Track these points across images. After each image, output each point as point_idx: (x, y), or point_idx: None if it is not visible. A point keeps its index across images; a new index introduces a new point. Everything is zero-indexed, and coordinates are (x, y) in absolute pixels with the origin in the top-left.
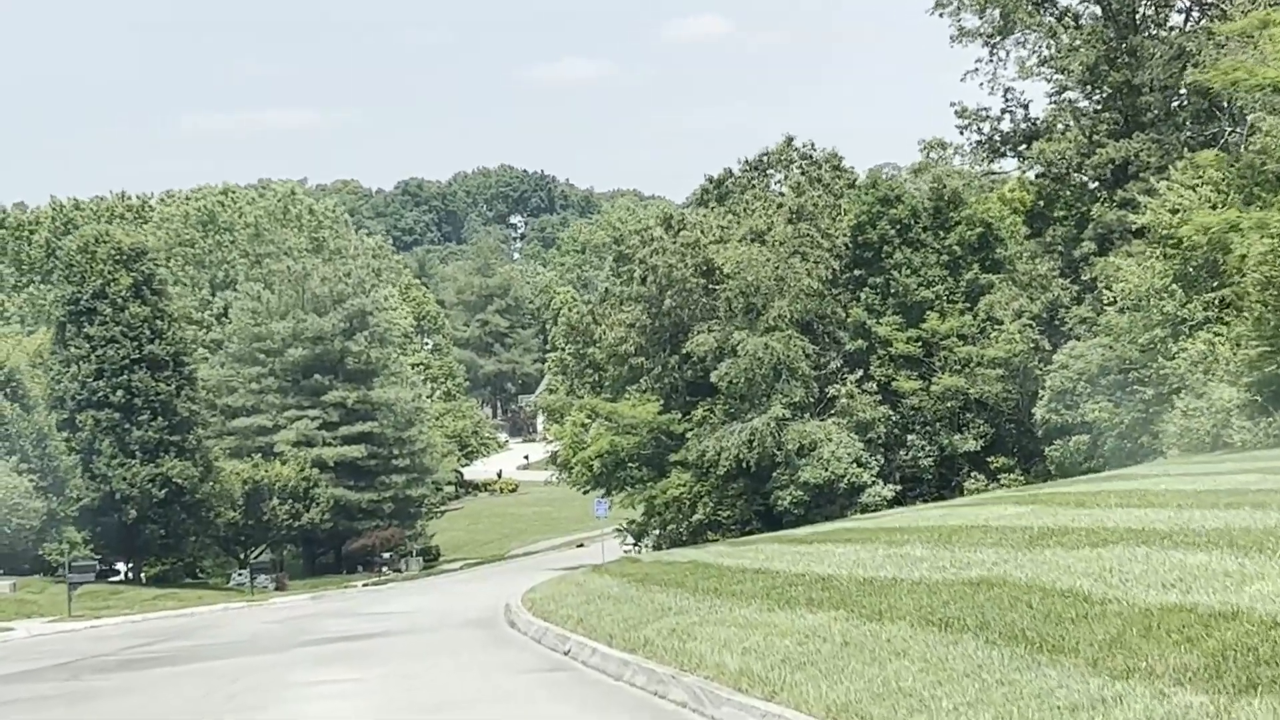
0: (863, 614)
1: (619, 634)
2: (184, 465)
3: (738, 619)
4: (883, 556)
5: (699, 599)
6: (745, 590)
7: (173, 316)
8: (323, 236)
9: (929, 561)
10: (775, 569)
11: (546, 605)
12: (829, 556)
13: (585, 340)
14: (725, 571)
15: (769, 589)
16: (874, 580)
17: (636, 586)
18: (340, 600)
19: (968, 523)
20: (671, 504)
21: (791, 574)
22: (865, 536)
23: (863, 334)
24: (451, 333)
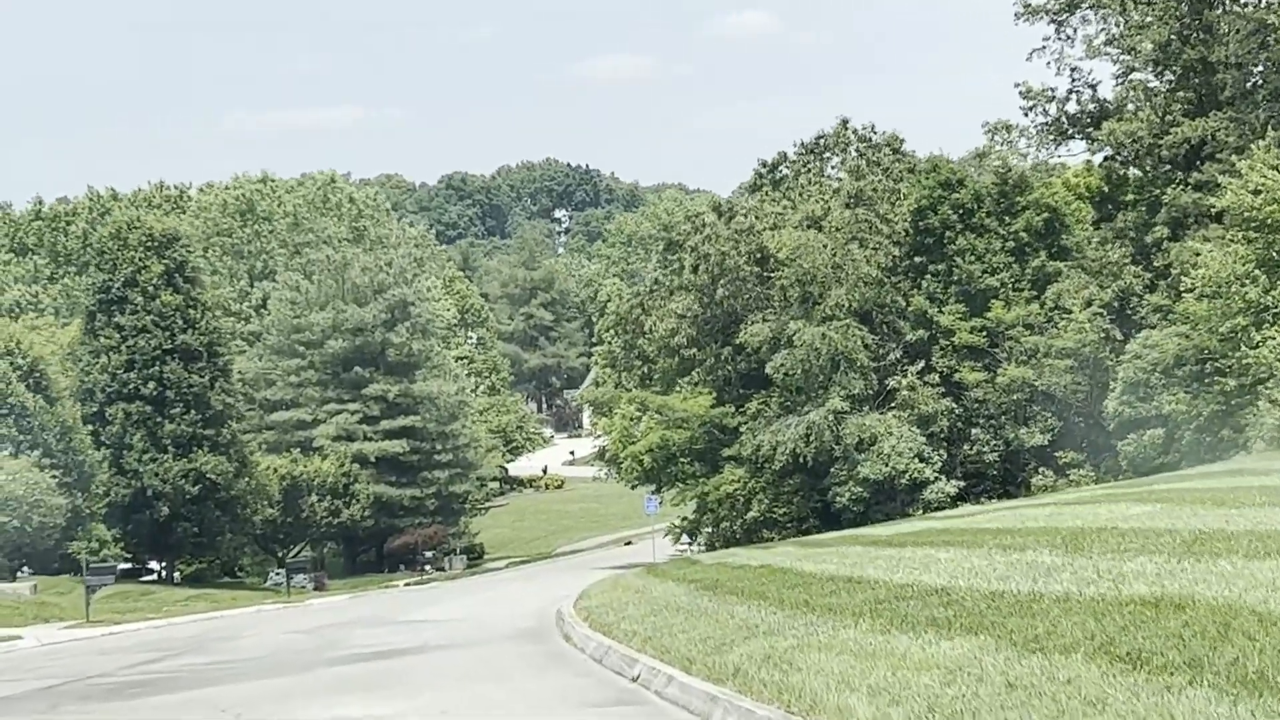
0: (1015, 642)
1: (699, 658)
2: (218, 460)
3: (848, 644)
4: (1003, 564)
5: (789, 614)
6: (843, 604)
7: (206, 305)
8: (363, 226)
9: (1068, 571)
10: (871, 578)
11: (605, 616)
12: (933, 563)
13: (635, 331)
14: (809, 579)
15: (873, 604)
16: (1005, 595)
17: (708, 596)
18: (379, 602)
19: (1090, 524)
20: (725, 501)
21: (894, 584)
22: (965, 539)
23: (924, 323)
24: (496, 326)
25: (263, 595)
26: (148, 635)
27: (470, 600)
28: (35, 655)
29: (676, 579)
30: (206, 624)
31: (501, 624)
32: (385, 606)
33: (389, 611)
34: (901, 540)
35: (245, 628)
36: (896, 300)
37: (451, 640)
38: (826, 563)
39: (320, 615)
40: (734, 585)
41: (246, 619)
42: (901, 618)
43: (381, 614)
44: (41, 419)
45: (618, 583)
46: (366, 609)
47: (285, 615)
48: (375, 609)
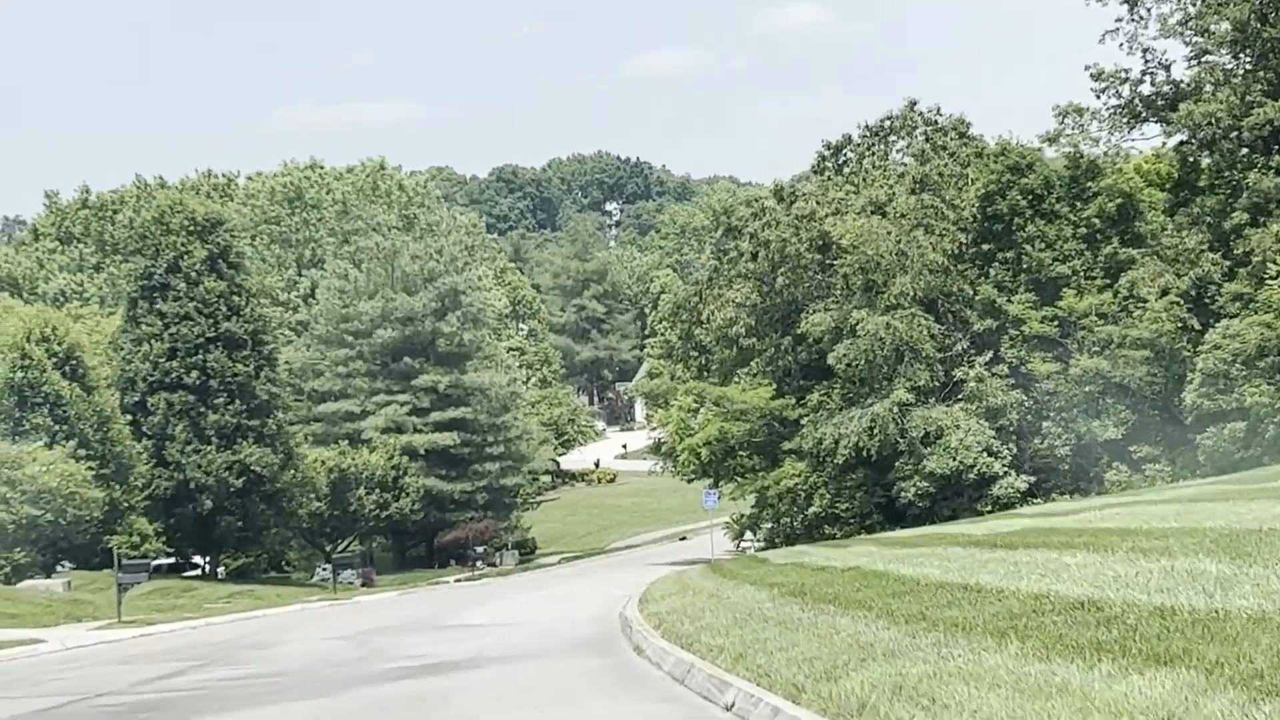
0: (1233, 679)
1: (808, 685)
2: (263, 452)
3: (999, 674)
4: (1157, 573)
5: (907, 630)
6: (970, 620)
7: (251, 292)
8: (413, 214)
9: (1247, 583)
10: (990, 586)
11: (680, 624)
12: (1062, 569)
13: (692, 321)
14: (914, 586)
15: (1008, 619)
16: (1177, 612)
17: (798, 604)
18: (429, 601)
19: (1236, 525)
20: (785, 495)
21: (1025, 595)
22: (1088, 541)
23: (992, 312)
24: (547, 318)
25: (308, 591)
26: (179, 639)
27: (525, 600)
28: (51, 663)
29: (753, 581)
30: (244, 625)
31: (561, 629)
32: (435, 606)
33: (439, 612)
34: (1007, 541)
35: (285, 630)
36: (963, 289)
37: (508, 651)
38: (925, 566)
39: (366, 615)
40: (825, 591)
41: (288, 619)
42: (1055, 639)
43: (431, 616)
44: (78, 408)
45: (683, 583)
46: (415, 609)
47: (329, 615)
48: (425, 609)
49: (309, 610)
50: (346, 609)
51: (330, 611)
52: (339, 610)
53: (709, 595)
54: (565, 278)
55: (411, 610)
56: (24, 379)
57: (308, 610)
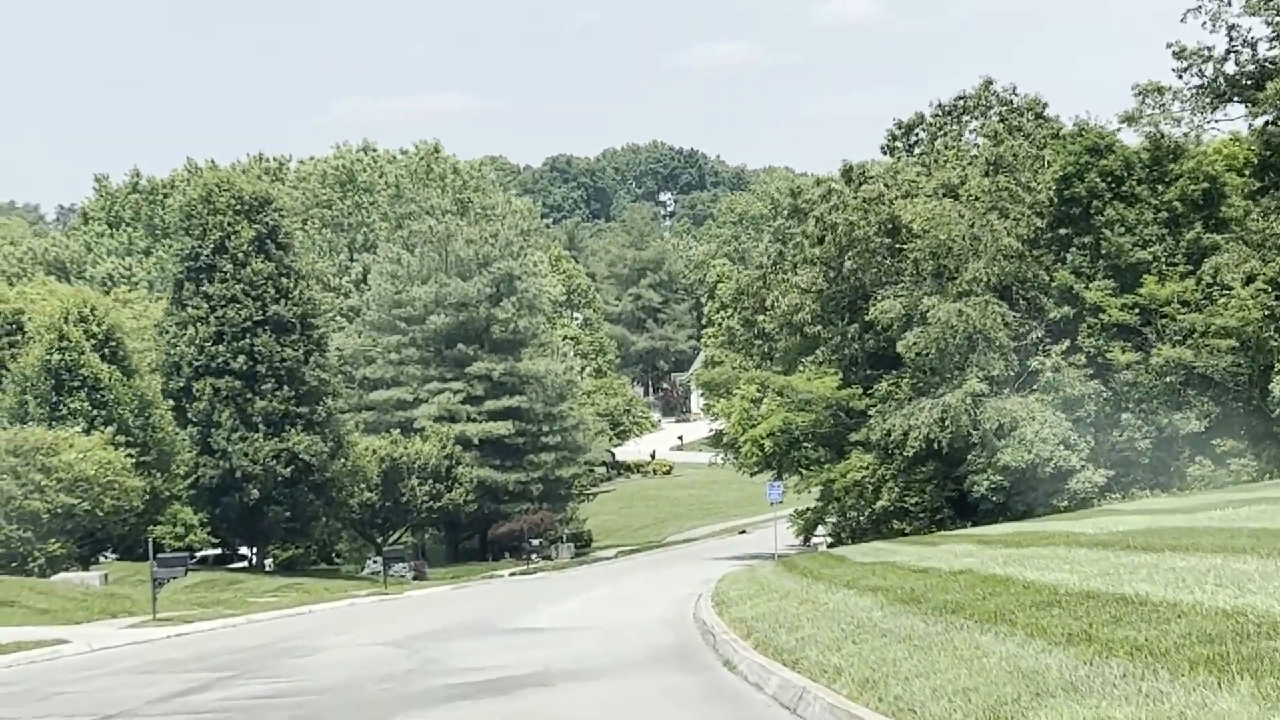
0: None
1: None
2: (312, 440)
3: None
4: None
5: (1074, 655)
6: (1154, 642)
7: (300, 274)
8: (467, 198)
9: None
10: (1154, 597)
11: (774, 635)
12: (1241, 578)
13: (755, 307)
14: (1056, 596)
15: (1207, 643)
16: None
17: (916, 614)
18: (484, 597)
19: None
20: (852, 488)
21: (1210, 610)
22: (1245, 544)
23: (1069, 300)
24: (602, 307)
25: (358, 585)
26: (214, 641)
27: (587, 597)
28: (70, 670)
29: (845, 583)
30: (286, 624)
31: (634, 635)
32: (492, 604)
33: (497, 612)
34: (1142, 543)
35: (329, 632)
36: (1039, 275)
37: (579, 663)
38: (1052, 570)
39: (417, 615)
40: (944, 599)
41: (335, 617)
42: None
43: (488, 616)
44: (118, 392)
45: (760, 583)
46: (470, 608)
47: (378, 613)
48: (480, 608)
49: (358, 606)
50: (397, 605)
51: (379, 608)
52: (389, 606)
53: (799, 599)
54: (620, 266)
55: (466, 609)
56: (61, 361)
57: (356, 606)
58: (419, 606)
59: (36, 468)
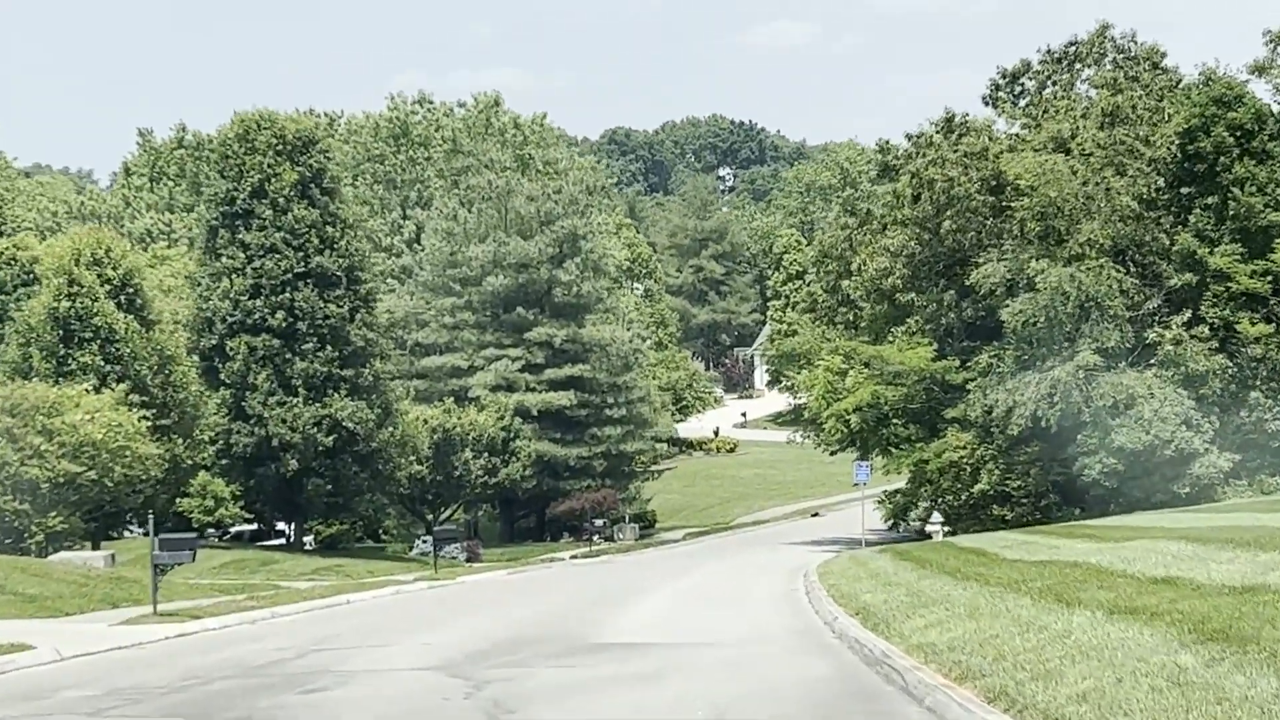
0: None
1: None
2: (357, 406)
3: None
4: None
5: None
6: None
7: (347, 223)
8: (528, 154)
9: None
10: None
11: (1020, 685)
12: None
13: (839, 271)
14: None
15: None
16: None
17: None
18: (549, 587)
19: None
20: (947, 470)
21: None
22: None
23: (1192, 266)
24: (664, 278)
25: (406, 566)
26: (214, 652)
27: (675, 590)
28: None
29: (1055, 597)
30: (315, 623)
31: (772, 659)
32: (563, 596)
33: (573, 612)
34: None
35: (365, 639)
36: (1158, 238)
37: (718, 710)
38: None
39: (476, 614)
40: (1242, 627)
41: (375, 612)
42: None
43: (563, 619)
44: (134, 345)
45: (888, 579)
46: (538, 602)
47: (427, 608)
48: (551, 604)
49: (403, 595)
50: (449, 596)
51: (429, 599)
52: (440, 597)
53: (1001, 617)
54: (682, 237)
55: (534, 604)
56: (71, 309)
57: (402, 595)
58: (475, 598)
59: (36, 429)
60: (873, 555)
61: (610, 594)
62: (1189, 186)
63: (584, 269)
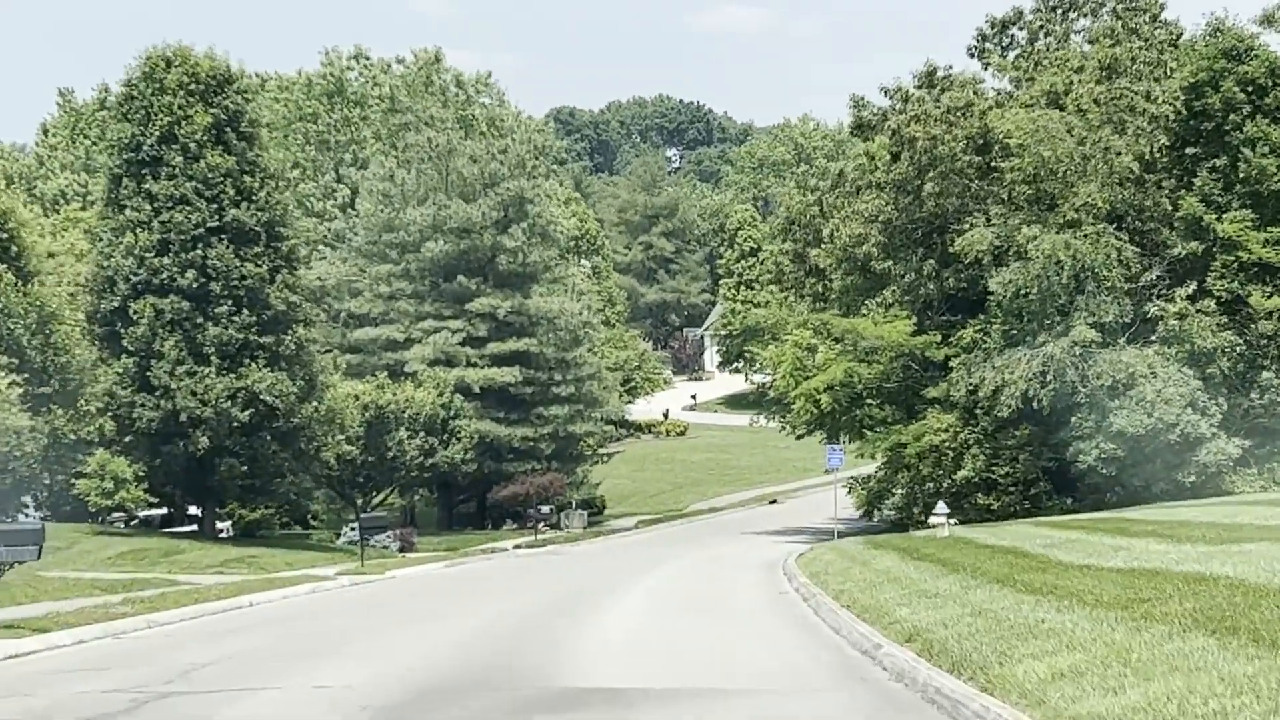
0: None
1: None
2: (277, 377)
3: None
4: None
5: None
6: None
7: (268, 173)
8: (472, 115)
9: None
10: None
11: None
12: None
13: (806, 240)
14: None
15: None
16: None
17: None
18: (490, 580)
19: None
20: (928, 454)
21: None
22: None
23: (1197, 233)
24: (612, 256)
25: (330, 557)
26: (23, 697)
27: (648, 591)
28: None
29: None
30: (198, 640)
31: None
32: (509, 604)
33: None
34: None
35: (242, 674)
36: (1160, 203)
37: None
38: None
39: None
40: None
41: (276, 623)
42: None
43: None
44: (7, 300)
45: (901, 583)
46: (478, 611)
47: (343, 617)
48: (494, 615)
49: (319, 595)
50: (374, 597)
51: (345, 603)
52: (362, 599)
53: (1168, 665)
54: (631, 213)
55: (473, 614)
56: None
57: (317, 595)
58: (404, 601)
59: None
60: (861, 549)
61: (568, 596)
62: (1194, 147)
63: (531, 235)
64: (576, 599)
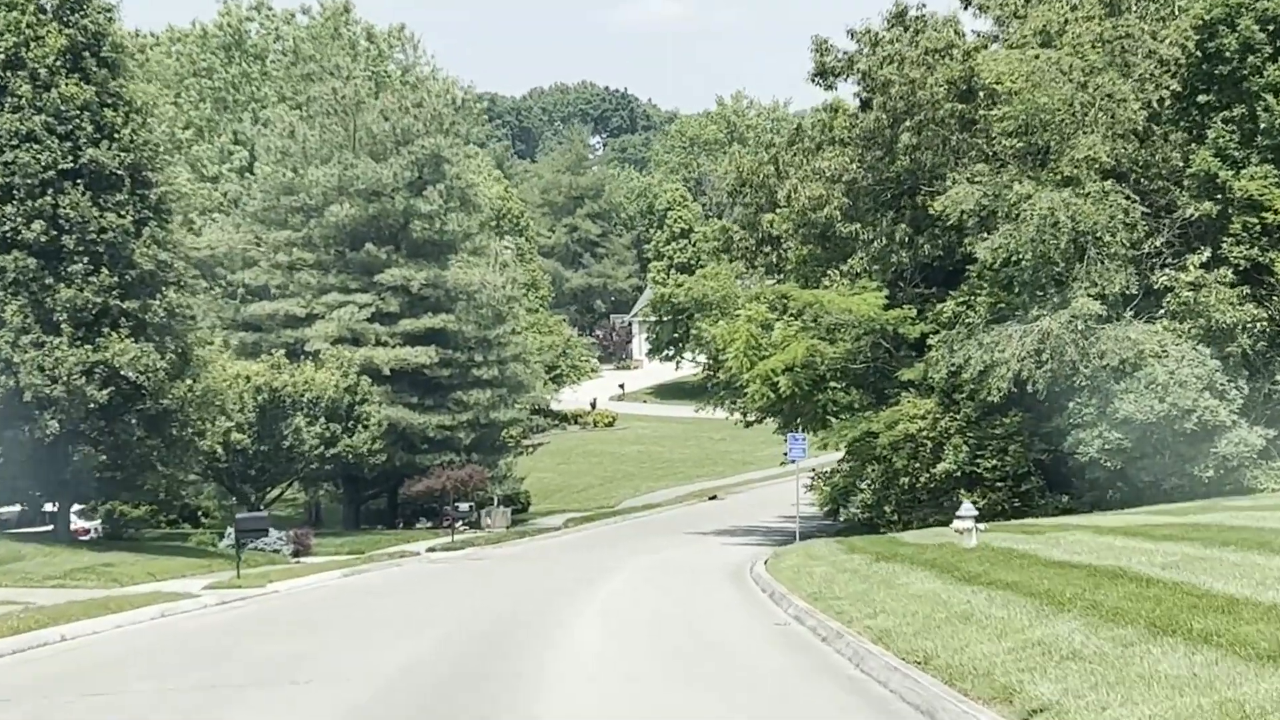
0: None
1: None
2: (143, 350)
3: None
4: None
5: None
6: None
7: (135, 106)
8: (384, 71)
9: None
10: None
11: None
12: None
13: (760, 203)
14: None
15: None
16: None
17: None
18: (393, 600)
19: None
20: (902, 445)
21: None
22: None
23: (1212, 192)
24: (535, 238)
25: (206, 564)
26: None
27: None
28: None
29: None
30: None
31: None
32: (423, 639)
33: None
34: None
35: None
36: (1169, 158)
37: None
38: None
39: (248, 701)
40: None
41: (78, 677)
42: None
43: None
44: None
45: (986, 624)
46: (374, 659)
47: (191, 647)
48: (397, 668)
49: (167, 622)
50: (230, 625)
51: (199, 637)
52: (223, 627)
53: None
54: (555, 193)
55: (369, 664)
56: None
57: (164, 622)
58: (278, 633)
59: None
60: (859, 560)
61: (494, 633)
62: (1207, 94)
63: (449, 199)
64: (506, 639)
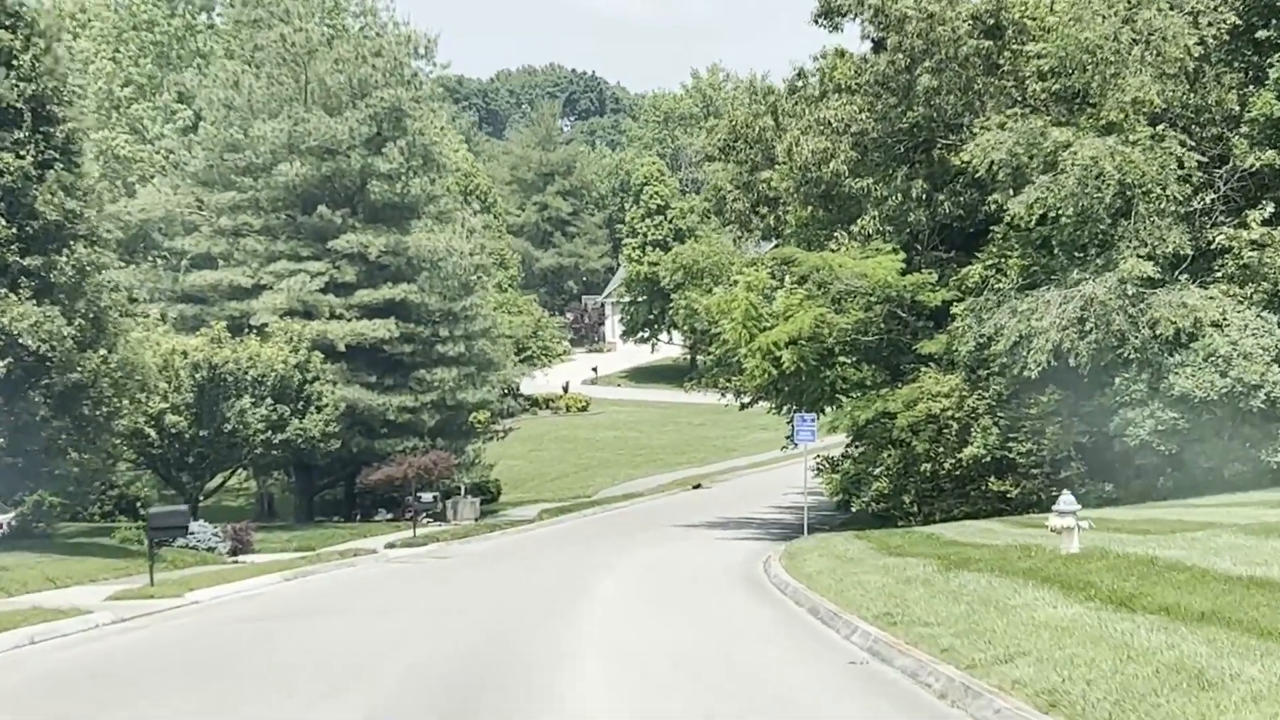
0: None
1: None
2: (47, 315)
3: None
4: None
5: None
6: None
7: (36, 28)
8: (343, 24)
9: None
10: None
11: None
12: None
13: (756, 160)
14: None
15: None
16: None
17: None
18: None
19: None
20: (923, 426)
21: None
22: None
23: (1275, 139)
24: (504, 215)
25: (125, 565)
26: None
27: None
28: None
29: None
30: None
31: None
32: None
33: None
34: None
35: None
36: (1222, 100)
37: None
38: None
39: None
40: None
41: None
42: None
43: None
44: None
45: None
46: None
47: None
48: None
49: (28, 654)
50: (110, 659)
51: (53, 671)
52: (99, 654)
53: None
54: (525, 170)
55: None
56: None
57: (28, 652)
58: (146, 693)
59: None
60: (924, 566)
61: (461, 684)
62: (1268, 29)
63: (410, 157)
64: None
